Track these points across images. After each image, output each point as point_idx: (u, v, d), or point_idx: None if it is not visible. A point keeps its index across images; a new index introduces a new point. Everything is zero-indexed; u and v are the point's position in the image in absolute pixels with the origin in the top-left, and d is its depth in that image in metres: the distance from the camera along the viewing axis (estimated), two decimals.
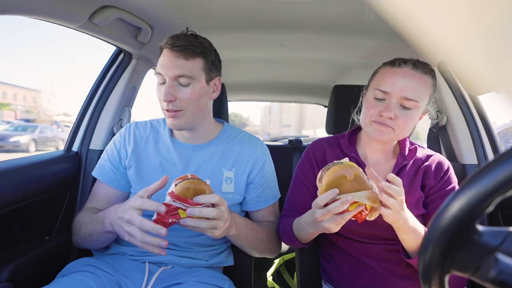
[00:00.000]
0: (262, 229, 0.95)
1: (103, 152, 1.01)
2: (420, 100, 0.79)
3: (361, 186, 0.67)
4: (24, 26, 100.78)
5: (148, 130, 1.00)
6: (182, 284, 0.85)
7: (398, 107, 0.79)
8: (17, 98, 36.75)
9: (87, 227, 0.86)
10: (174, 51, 0.83)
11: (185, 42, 0.84)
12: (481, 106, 1.26)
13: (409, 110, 0.79)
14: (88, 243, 0.89)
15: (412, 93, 0.77)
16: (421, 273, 0.35)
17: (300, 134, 4.32)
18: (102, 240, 0.86)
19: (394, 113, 0.78)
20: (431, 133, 1.36)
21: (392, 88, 0.78)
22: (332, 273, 0.93)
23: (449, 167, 0.88)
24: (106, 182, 0.96)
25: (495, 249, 0.32)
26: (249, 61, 1.70)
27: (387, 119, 0.79)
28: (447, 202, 0.33)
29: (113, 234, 0.82)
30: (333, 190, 0.66)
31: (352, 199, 0.64)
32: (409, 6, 0.24)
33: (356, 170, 0.67)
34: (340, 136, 0.98)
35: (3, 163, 0.92)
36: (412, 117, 0.80)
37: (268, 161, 1.03)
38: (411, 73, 0.79)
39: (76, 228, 0.91)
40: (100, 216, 0.83)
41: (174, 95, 0.85)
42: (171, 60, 0.84)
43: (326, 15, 1.04)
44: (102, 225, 0.81)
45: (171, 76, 0.84)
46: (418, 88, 0.78)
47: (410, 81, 0.78)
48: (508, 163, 0.29)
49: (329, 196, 0.66)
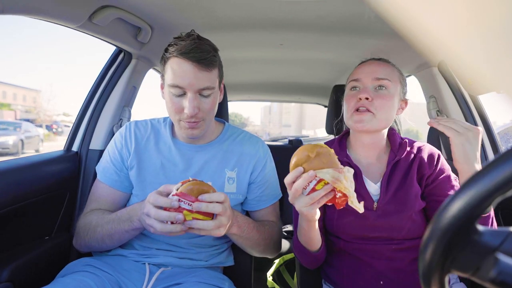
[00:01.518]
0: (264, 228, 0.95)
1: (105, 153, 0.99)
2: (391, 79, 0.85)
3: (327, 164, 0.66)
4: (24, 26, 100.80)
5: (148, 130, 0.99)
6: (182, 284, 0.85)
7: (372, 89, 0.86)
8: (17, 98, 36.74)
9: (105, 227, 0.84)
10: (198, 64, 0.81)
11: (202, 51, 0.81)
12: (481, 106, 1.26)
13: (383, 90, 0.85)
14: (106, 244, 0.87)
15: (382, 73, 0.86)
16: (421, 273, 0.35)
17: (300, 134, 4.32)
18: (125, 238, 0.86)
19: (368, 94, 0.83)
20: (431, 133, 1.36)
21: (362, 74, 0.87)
22: (332, 273, 0.93)
23: (439, 155, 0.90)
24: (110, 184, 0.94)
25: (495, 249, 0.32)
26: (249, 61, 1.70)
27: (365, 102, 0.84)
28: (447, 202, 0.33)
29: (139, 230, 0.83)
30: (298, 168, 0.67)
31: (313, 174, 0.64)
32: (409, 6, 0.24)
33: (322, 149, 0.68)
34: (330, 142, 0.99)
35: (3, 163, 0.92)
36: (388, 97, 0.85)
37: (269, 160, 1.03)
38: (375, 62, 0.90)
39: (85, 231, 0.88)
40: (123, 215, 0.83)
41: (198, 108, 0.84)
42: (195, 72, 0.81)
43: (326, 15, 1.04)
44: (129, 223, 0.80)
45: (196, 89, 0.83)
46: (385, 69, 0.87)
47: (376, 66, 0.88)
48: (508, 163, 0.29)
49: (295, 174, 0.67)
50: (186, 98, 0.83)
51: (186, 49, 0.81)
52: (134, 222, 0.80)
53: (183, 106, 0.84)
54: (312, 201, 0.67)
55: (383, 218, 0.83)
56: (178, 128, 0.90)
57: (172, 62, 0.83)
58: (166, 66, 0.85)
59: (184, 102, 0.83)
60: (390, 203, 0.84)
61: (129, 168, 0.94)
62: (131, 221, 0.80)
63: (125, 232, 0.83)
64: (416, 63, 1.33)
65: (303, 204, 0.68)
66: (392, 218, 0.83)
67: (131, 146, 0.95)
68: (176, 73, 0.82)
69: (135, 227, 0.80)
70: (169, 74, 0.84)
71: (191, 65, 0.81)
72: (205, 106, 0.85)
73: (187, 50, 0.81)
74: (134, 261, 0.90)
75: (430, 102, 1.34)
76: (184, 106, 0.83)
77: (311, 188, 0.66)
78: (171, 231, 0.70)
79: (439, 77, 1.27)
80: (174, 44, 0.83)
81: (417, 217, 0.85)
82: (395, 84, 0.86)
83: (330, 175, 0.64)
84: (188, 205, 0.69)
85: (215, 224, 0.72)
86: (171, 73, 0.83)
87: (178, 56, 0.81)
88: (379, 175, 0.90)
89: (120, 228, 0.82)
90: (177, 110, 0.85)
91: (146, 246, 0.91)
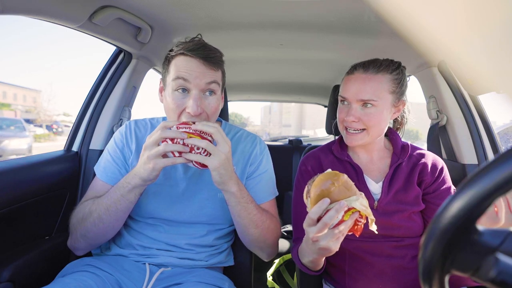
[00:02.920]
0: (262, 211, 0.91)
1: (104, 153, 0.97)
2: (377, 98, 0.83)
3: (350, 192, 0.64)
4: (24, 26, 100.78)
5: (148, 129, 0.98)
6: (182, 284, 0.85)
7: (359, 108, 0.85)
8: (17, 98, 36.73)
9: (100, 204, 0.82)
10: (205, 60, 0.81)
11: (210, 50, 0.82)
12: (481, 106, 1.26)
13: (370, 108, 0.84)
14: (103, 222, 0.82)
15: (366, 95, 0.83)
16: (421, 272, 0.35)
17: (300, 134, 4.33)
18: (122, 207, 0.81)
19: (355, 116, 0.84)
20: (431, 133, 1.36)
21: (348, 93, 0.86)
22: (333, 272, 0.93)
23: (443, 166, 0.90)
24: (113, 184, 0.90)
25: (495, 249, 0.32)
26: (249, 61, 1.70)
27: (353, 123, 0.85)
28: (447, 202, 0.33)
29: (138, 189, 0.81)
30: (324, 199, 0.62)
31: (346, 205, 0.60)
32: (409, 6, 0.24)
33: (342, 176, 0.65)
34: (331, 143, 1.00)
35: (3, 163, 0.92)
36: (376, 114, 0.84)
37: (266, 156, 1.02)
38: (361, 77, 0.85)
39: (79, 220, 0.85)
40: (118, 184, 0.82)
41: (202, 108, 0.81)
42: (201, 68, 0.81)
43: (326, 15, 1.04)
44: (126, 185, 0.79)
45: (201, 87, 0.81)
46: (370, 89, 0.83)
47: (360, 85, 0.84)
48: (508, 163, 0.29)
49: (322, 206, 0.61)
50: (190, 97, 0.81)
51: (193, 47, 0.81)
52: (130, 182, 0.79)
53: (186, 105, 0.80)
54: (343, 236, 0.63)
55: (383, 216, 0.84)
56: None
57: (177, 60, 0.82)
58: (170, 65, 0.84)
59: (187, 101, 0.80)
60: (391, 203, 0.85)
61: (130, 167, 0.93)
62: (127, 182, 0.79)
63: (122, 197, 0.80)
64: (416, 63, 1.33)
65: (330, 239, 0.62)
66: (392, 217, 0.84)
67: (132, 145, 0.94)
68: (181, 67, 0.80)
69: (133, 185, 0.79)
70: (173, 70, 0.82)
71: (198, 61, 0.80)
72: (209, 107, 0.83)
73: (194, 47, 0.81)
74: (135, 261, 0.90)
75: (430, 102, 1.34)
76: (187, 105, 0.80)
77: (340, 220, 0.61)
78: (166, 149, 0.73)
79: (439, 77, 1.27)
80: (179, 45, 0.83)
81: (416, 217, 0.86)
82: (384, 98, 0.84)
83: (359, 203, 0.61)
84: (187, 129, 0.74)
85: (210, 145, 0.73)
86: (175, 69, 0.81)
87: (184, 53, 0.81)
88: (379, 174, 0.91)
89: (117, 195, 0.80)
90: (179, 108, 0.81)
91: (146, 246, 0.91)
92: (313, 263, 0.78)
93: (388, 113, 0.86)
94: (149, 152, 0.74)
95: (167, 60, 0.86)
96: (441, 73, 1.26)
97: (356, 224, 0.64)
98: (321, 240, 0.63)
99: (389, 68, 0.85)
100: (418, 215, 0.87)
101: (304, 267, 0.82)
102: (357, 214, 0.63)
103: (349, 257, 0.89)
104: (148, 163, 0.74)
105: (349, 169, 0.91)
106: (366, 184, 0.88)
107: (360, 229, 0.64)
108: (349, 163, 0.92)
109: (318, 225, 0.62)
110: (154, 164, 0.74)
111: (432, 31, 0.25)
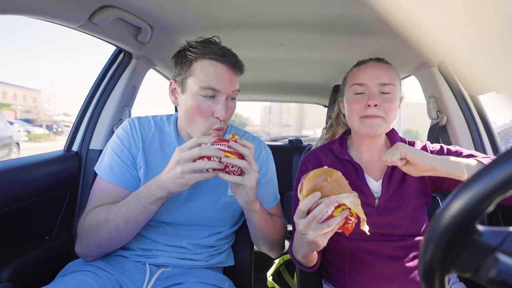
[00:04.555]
0: (273, 218, 0.95)
1: (108, 152, 0.91)
2: (394, 83, 0.86)
3: (343, 189, 0.64)
4: (24, 26, 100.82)
5: (152, 128, 0.95)
6: (182, 284, 0.85)
7: (378, 94, 0.85)
8: (17, 98, 36.74)
9: (117, 214, 0.78)
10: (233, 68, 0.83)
11: (235, 56, 0.85)
12: (481, 106, 1.26)
13: (388, 94, 0.85)
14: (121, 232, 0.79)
15: (386, 78, 0.85)
16: (421, 273, 0.35)
17: (300, 134, 4.33)
18: (142, 218, 0.79)
19: (377, 101, 0.83)
20: (431, 133, 1.36)
21: (367, 79, 0.86)
22: (333, 272, 0.93)
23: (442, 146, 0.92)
24: (123, 185, 0.87)
25: (495, 249, 0.32)
26: (249, 61, 1.70)
27: (374, 109, 0.83)
28: (447, 202, 0.33)
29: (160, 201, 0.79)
30: (315, 193, 0.63)
31: (336, 200, 0.61)
32: (409, 6, 0.24)
33: (336, 173, 0.65)
34: (331, 142, 1.00)
35: (3, 163, 0.92)
36: (393, 101, 0.86)
37: (271, 162, 1.03)
38: (377, 64, 0.89)
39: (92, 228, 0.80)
40: (138, 193, 0.79)
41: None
42: (229, 76, 0.83)
43: (326, 15, 1.04)
44: (149, 196, 0.77)
45: (229, 93, 0.84)
46: (388, 73, 0.87)
47: (379, 69, 0.87)
48: (508, 163, 0.29)
49: (312, 200, 0.63)
50: (217, 102, 0.83)
51: (222, 52, 0.82)
52: (156, 192, 0.76)
53: (213, 109, 0.82)
54: (329, 229, 0.63)
55: (384, 214, 0.84)
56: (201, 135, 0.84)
57: (203, 64, 0.82)
58: (193, 68, 0.82)
59: (214, 106, 0.82)
60: (391, 200, 0.86)
61: (137, 167, 0.90)
62: (150, 193, 0.77)
63: (143, 208, 0.77)
64: (416, 63, 1.33)
65: (319, 233, 0.63)
66: (393, 214, 0.85)
67: (140, 144, 0.91)
68: (211, 75, 0.81)
69: (156, 197, 0.76)
70: (201, 76, 0.81)
71: (226, 68, 0.82)
72: (230, 111, 0.87)
73: (223, 53, 0.82)
74: (135, 261, 0.90)
75: (430, 102, 1.34)
76: (215, 109, 0.82)
77: (329, 215, 0.62)
78: (211, 166, 0.73)
79: (439, 77, 1.27)
80: (198, 46, 0.82)
81: (416, 214, 0.87)
82: (397, 86, 0.87)
83: (350, 200, 0.62)
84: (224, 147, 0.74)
85: (248, 166, 0.74)
86: (203, 75, 0.81)
87: (212, 58, 0.81)
88: (380, 172, 0.91)
89: (137, 206, 0.77)
90: (206, 114, 0.83)
91: (146, 248, 0.91)
92: (305, 259, 0.79)
93: (398, 104, 0.88)
94: (184, 167, 0.72)
95: (188, 61, 0.83)
96: (441, 73, 1.26)
97: (347, 222, 0.64)
98: (309, 234, 0.64)
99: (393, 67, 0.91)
100: (419, 213, 0.87)
101: (298, 263, 0.84)
102: (347, 212, 0.63)
103: (349, 257, 0.89)
104: (182, 178, 0.73)
105: (350, 168, 0.91)
106: (367, 182, 0.88)
107: (350, 228, 0.65)
108: (349, 162, 0.92)
109: (307, 217, 0.63)
110: (188, 179, 0.73)
111: (432, 31, 0.25)
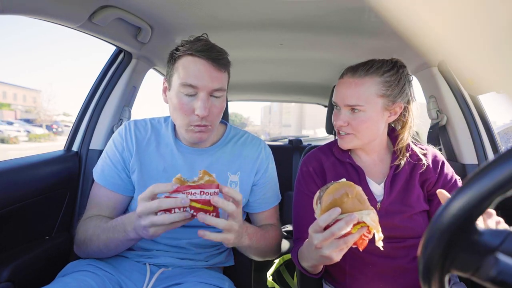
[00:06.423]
0: (268, 234, 0.93)
1: (103, 155, 0.94)
2: (364, 102, 0.82)
3: (363, 205, 0.63)
4: (24, 26, 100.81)
5: (149, 131, 0.95)
6: (182, 284, 0.85)
7: (348, 113, 0.85)
8: (17, 98, 36.73)
9: (100, 237, 0.80)
10: (214, 63, 0.80)
11: (218, 51, 0.82)
12: (481, 106, 1.26)
13: (358, 113, 0.83)
14: (103, 253, 0.83)
15: (352, 100, 0.82)
16: (421, 272, 0.35)
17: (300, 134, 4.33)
18: (121, 248, 0.81)
19: (343, 121, 0.85)
20: (431, 133, 1.36)
21: (337, 98, 0.87)
22: (333, 272, 0.93)
23: (443, 161, 0.91)
24: (113, 188, 0.89)
25: (495, 249, 0.32)
26: (249, 61, 1.70)
27: (342, 127, 0.86)
28: (447, 202, 0.33)
29: (134, 241, 0.78)
30: (335, 208, 0.60)
31: (357, 218, 0.59)
32: (409, 6, 0.24)
33: (357, 188, 0.63)
34: (332, 144, 0.99)
35: (3, 163, 0.92)
36: (365, 119, 0.83)
37: (271, 162, 1.03)
38: (348, 81, 0.84)
39: (83, 240, 0.83)
40: (118, 225, 0.77)
41: (209, 110, 0.81)
42: (210, 72, 0.80)
43: (326, 15, 1.04)
44: (124, 233, 0.75)
45: (209, 90, 0.81)
46: (356, 93, 0.82)
47: (347, 89, 0.84)
48: (508, 163, 0.29)
49: (332, 215, 0.60)
50: (198, 99, 0.81)
51: (202, 48, 0.80)
52: (129, 233, 0.74)
53: (194, 107, 0.81)
54: (347, 248, 0.62)
55: (386, 218, 0.84)
56: (185, 132, 0.86)
57: (185, 61, 0.81)
58: (177, 65, 0.82)
59: (195, 103, 0.81)
60: (393, 204, 0.85)
61: (130, 171, 0.91)
62: (125, 231, 0.75)
63: (120, 242, 0.78)
64: (416, 63, 1.33)
65: (334, 249, 0.62)
66: (395, 218, 0.84)
67: (133, 148, 0.91)
68: (190, 71, 0.79)
69: (130, 238, 0.75)
70: (181, 73, 0.80)
71: (206, 64, 0.80)
72: (214, 109, 0.83)
73: (203, 48, 0.80)
74: (135, 261, 0.90)
75: (430, 102, 1.34)
76: (195, 107, 0.81)
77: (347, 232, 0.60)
78: (178, 219, 0.64)
79: (439, 77, 1.27)
80: (185, 44, 0.82)
81: (419, 217, 0.86)
82: (372, 102, 0.82)
83: (370, 218, 0.60)
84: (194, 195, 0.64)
85: (226, 225, 0.67)
86: (183, 72, 0.80)
87: (193, 54, 0.80)
88: (382, 175, 0.90)
89: (115, 238, 0.78)
90: (186, 112, 0.81)
91: (146, 248, 0.91)
92: (313, 268, 0.78)
93: (380, 117, 0.84)
94: (145, 222, 0.66)
95: (172, 59, 0.84)
96: (441, 73, 1.26)
97: (362, 238, 0.63)
98: (325, 249, 0.62)
99: (379, 70, 0.82)
100: (420, 216, 0.87)
101: (303, 269, 0.82)
102: (365, 229, 0.61)
103: (349, 257, 0.88)
104: (146, 231, 0.68)
105: (351, 170, 0.91)
106: (368, 185, 0.88)
107: (365, 244, 0.63)
108: (350, 164, 0.91)
109: (325, 233, 0.61)
110: (154, 232, 0.68)
111: (432, 31, 0.25)
